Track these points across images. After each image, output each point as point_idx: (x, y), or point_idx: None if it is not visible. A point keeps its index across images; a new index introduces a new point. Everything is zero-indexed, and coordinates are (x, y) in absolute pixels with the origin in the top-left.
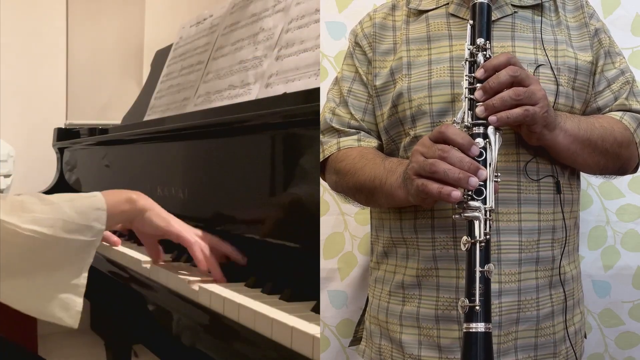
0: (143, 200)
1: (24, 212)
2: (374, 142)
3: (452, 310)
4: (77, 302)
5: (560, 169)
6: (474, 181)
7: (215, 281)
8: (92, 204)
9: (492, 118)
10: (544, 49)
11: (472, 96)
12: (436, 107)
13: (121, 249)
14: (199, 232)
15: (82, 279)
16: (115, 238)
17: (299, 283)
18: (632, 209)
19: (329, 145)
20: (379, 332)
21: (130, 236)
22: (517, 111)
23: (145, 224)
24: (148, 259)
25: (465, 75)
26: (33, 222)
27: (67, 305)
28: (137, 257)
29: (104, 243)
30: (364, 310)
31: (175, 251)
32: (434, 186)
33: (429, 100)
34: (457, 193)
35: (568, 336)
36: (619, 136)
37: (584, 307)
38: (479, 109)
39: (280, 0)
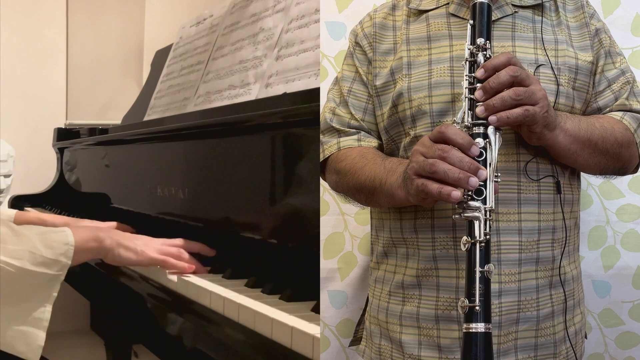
0: (109, 239)
1: None
2: (374, 142)
3: (452, 310)
4: (39, 336)
5: (560, 169)
6: (474, 181)
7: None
8: (61, 239)
9: (492, 118)
10: (545, 48)
11: (472, 96)
12: (436, 107)
13: None
14: (166, 241)
15: (46, 313)
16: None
17: (299, 283)
18: (632, 209)
19: (329, 145)
20: (378, 332)
21: None
22: (517, 111)
23: (116, 260)
24: None
25: (465, 75)
26: (3, 254)
27: (28, 339)
28: None
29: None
30: (364, 310)
31: None
32: (433, 186)
33: (429, 100)
34: (457, 193)
35: (568, 336)
36: (620, 136)
37: (585, 307)
38: (479, 109)
39: (280, 0)
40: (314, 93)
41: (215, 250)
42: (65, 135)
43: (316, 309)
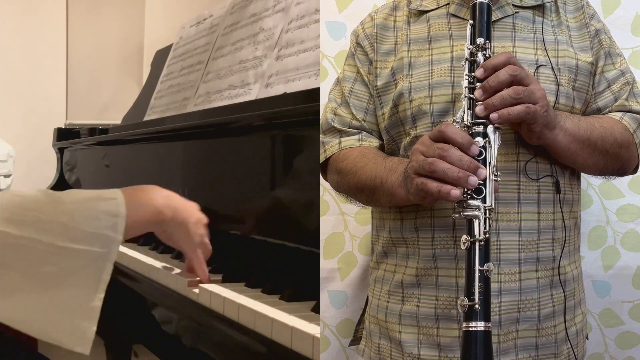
0: (172, 215)
1: (21, 210)
2: (375, 142)
3: (452, 309)
4: (90, 328)
5: (560, 169)
6: (474, 180)
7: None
8: (109, 209)
9: (493, 115)
10: (545, 49)
11: (471, 95)
12: (437, 107)
13: (120, 248)
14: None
15: (97, 301)
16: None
17: (299, 283)
18: (632, 209)
19: (330, 145)
20: (378, 332)
21: None
22: (518, 108)
23: (170, 239)
24: (147, 258)
25: (465, 75)
26: (30, 227)
27: (76, 331)
28: (137, 257)
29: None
30: (364, 310)
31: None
32: (433, 185)
33: (430, 100)
34: (456, 192)
35: (568, 337)
36: (619, 137)
37: (586, 308)
38: (479, 108)
39: (280, 0)
40: (314, 93)
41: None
42: (65, 135)
43: (316, 309)
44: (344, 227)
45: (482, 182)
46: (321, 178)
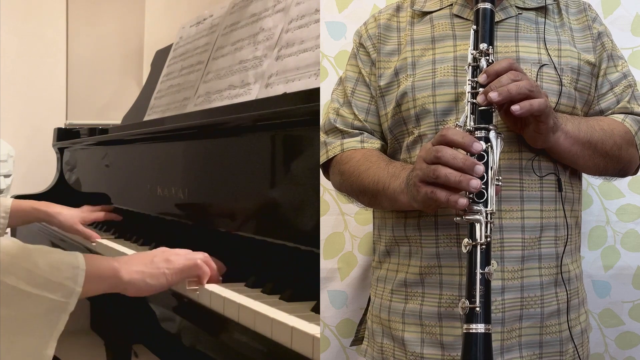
0: (125, 270)
1: None
2: (377, 144)
3: (455, 307)
4: None
5: (561, 167)
6: (475, 183)
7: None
8: (70, 262)
9: (514, 107)
10: (547, 48)
11: (474, 100)
12: (440, 106)
13: (120, 247)
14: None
15: (50, 349)
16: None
17: (299, 283)
18: (632, 209)
19: (332, 147)
20: (381, 331)
21: (120, 233)
22: (541, 100)
23: (142, 292)
24: None
25: (468, 80)
26: None
27: None
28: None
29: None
30: (366, 310)
31: None
32: (442, 194)
33: (433, 99)
34: (463, 200)
35: (571, 336)
36: (619, 139)
37: (587, 307)
38: (493, 94)
39: (280, 0)
40: (314, 93)
41: (215, 251)
42: (65, 135)
43: (316, 309)
44: (344, 227)
45: (484, 186)
46: (321, 178)
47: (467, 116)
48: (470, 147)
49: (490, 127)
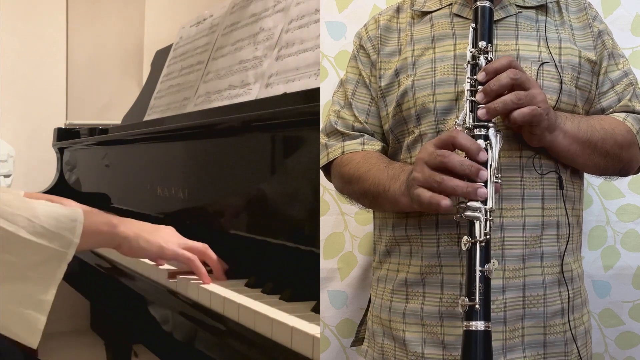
0: (124, 226)
1: None
2: (377, 145)
3: (456, 306)
4: (40, 320)
5: (562, 165)
6: (483, 192)
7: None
8: (68, 214)
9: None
10: (548, 46)
11: (473, 98)
12: (440, 105)
13: None
14: (188, 241)
15: (49, 295)
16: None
17: (299, 283)
18: (632, 209)
19: (333, 149)
20: (381, 332)
21: None
22: (524, 110)
23: (133, 251)
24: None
25: (467, 78)
26: None
27: (28, 323)
28: None
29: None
30: (366, 310)
31: None
32: (426, 195)
33: (433, 98)
34: (446, 202)
35: (573, 336)
36: (620, 138)
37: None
38: (481, 112)
39: (280, 0)
40: (314, 93)
41: (215, 251)
42: (65, 135)
43: (316, 309)
44: (344, 227)
45: (483, 184)
46: (321, 178)
47: (466, 114)
48: (477, 155)
49: (490, 124)
